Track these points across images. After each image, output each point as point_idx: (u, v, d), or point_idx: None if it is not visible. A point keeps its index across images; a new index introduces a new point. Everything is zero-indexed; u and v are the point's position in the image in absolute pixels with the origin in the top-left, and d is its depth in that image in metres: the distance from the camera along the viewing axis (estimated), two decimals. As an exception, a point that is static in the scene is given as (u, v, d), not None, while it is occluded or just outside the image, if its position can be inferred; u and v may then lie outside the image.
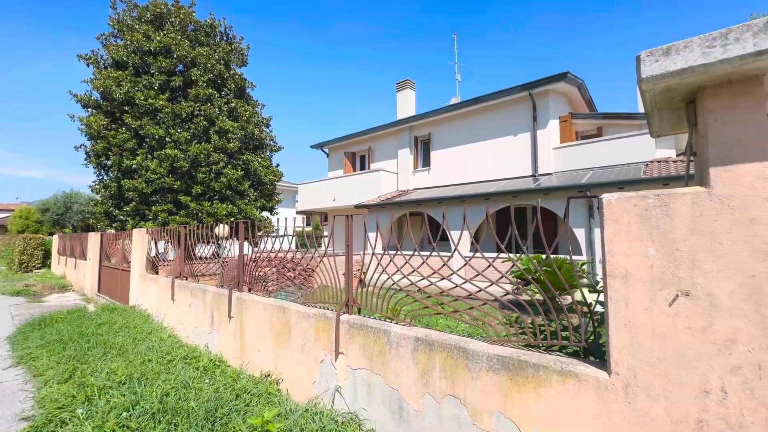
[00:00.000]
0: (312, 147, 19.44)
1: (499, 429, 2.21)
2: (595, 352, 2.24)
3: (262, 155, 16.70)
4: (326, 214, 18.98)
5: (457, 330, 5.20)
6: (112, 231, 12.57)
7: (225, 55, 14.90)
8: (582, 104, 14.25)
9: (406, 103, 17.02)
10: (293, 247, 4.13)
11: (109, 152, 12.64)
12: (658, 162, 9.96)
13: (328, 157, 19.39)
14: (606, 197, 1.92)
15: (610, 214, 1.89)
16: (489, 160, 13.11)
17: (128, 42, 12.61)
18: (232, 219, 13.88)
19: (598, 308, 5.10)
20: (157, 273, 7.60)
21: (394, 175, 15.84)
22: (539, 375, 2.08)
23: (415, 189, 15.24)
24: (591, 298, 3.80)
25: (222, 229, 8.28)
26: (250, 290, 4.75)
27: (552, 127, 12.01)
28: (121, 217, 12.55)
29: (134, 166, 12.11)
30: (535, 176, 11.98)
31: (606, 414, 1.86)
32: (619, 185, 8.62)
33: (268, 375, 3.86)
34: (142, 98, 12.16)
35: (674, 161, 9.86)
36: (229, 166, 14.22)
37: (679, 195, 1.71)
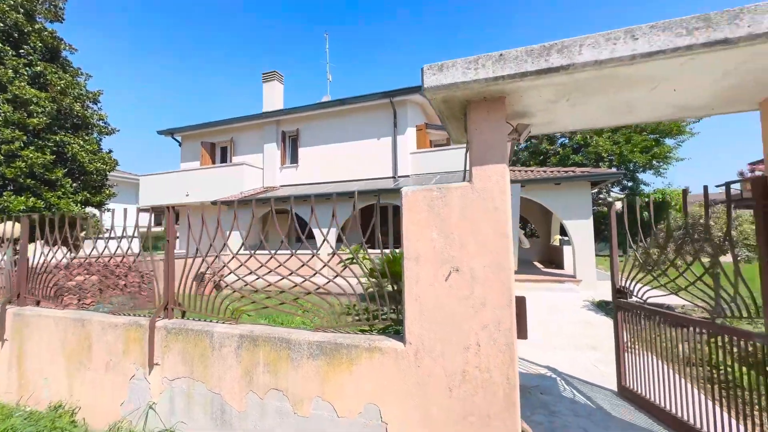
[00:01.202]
0: (159, 133, 16.67)
1: (317, 413, 2.28)
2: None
3: (87, 137, 13.50)
4: (178, 211, 16.54)
5: (310, 325, 5.18)
6: None
7: (26, 2, 11.46)
8: (435, 117, 16.21)
9: (273, 96, 16.27)
10: (136, 249, 3.38)
11: None
12: (487, 170, 12.11)
13: (180, 146, 16.95)
14: (405, 190, 2.18)
15: (408, 204, 2.16)
16: (355, 161, 13.65)
17: None
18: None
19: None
20: None
21: (260, 171, 14.95)
22: (351, 354, 2.23)
23: (282, 186, 14.70)
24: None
25: (8, 228, 6.30)
26: (38, 303, 3.73)
27: (410, 134, 13.29)
28: None
29: None
30: (395, 178, 13.03)
31: (403, 379, 2.11)
32: (458, 188, 10.12)
33: (60, 406, 3.09)
34: None
35: (498, 170, 12.15)
36: (32, 148, 11.03)
37: (453, 188, 2.07)
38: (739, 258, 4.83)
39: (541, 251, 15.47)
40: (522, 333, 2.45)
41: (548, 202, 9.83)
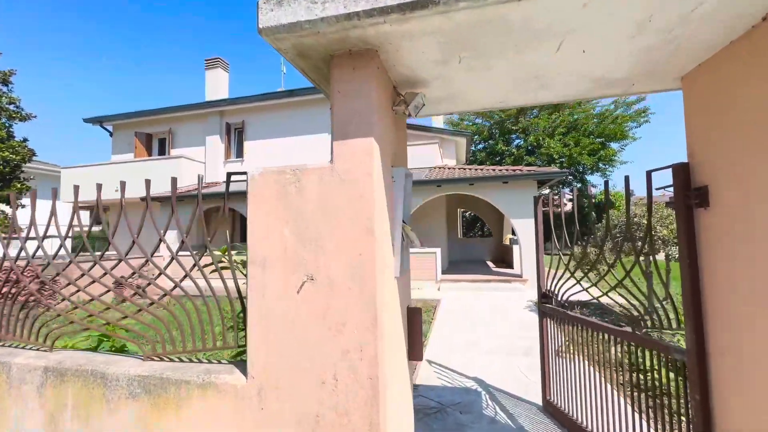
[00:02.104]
0: (86, 121, 14.97)
1: (135, 473, 1.68)
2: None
3: (-9, 122, 11.77)
4: (108, 207, 14.97)
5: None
6: None
7: None
8: (391, 113, 15.85)
9: (217, 85, 15.13)
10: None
11: None
12: (440, 168, 11.88)
13: (112, 136, 15.34)
14: (251, 172, 1.65)
15: (254, 190, 1.63)
16: (305, 156, 12.92)
17: None
18: None
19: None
20: None
21: (201, 165, 13.81)
22: (180, 393, 1.66)
23: (225, 182, 13.66)
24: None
25: None
26: None
27: (362, 130, 12.77)
28: None
29: None
30: (346, 174, 12.47)
31: (241, 427, 1.57)
32: (407, 185, 9.76)
33: None
34: None
35: (450, 168, 11.96)
36: None
37: (309, 171, 1.56)
38: (671, 257, 4.68)
39: (493, 250, 15.56)
40: (416, 353, 2.01)
41: (496, 200, 9.72)
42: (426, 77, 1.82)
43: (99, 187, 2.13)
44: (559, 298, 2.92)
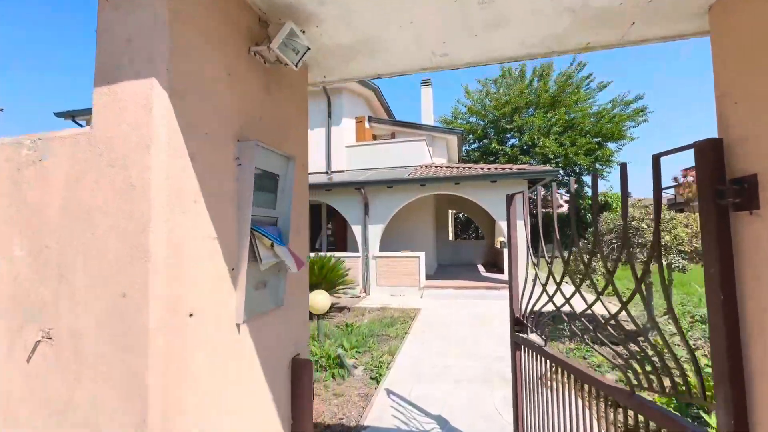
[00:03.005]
0: (57, 115, 14.22)
1: None
2: None
3: (-51, 115, 11.04)
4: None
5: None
6: None
7: None
8: (381, 110, 15.22)
9: (197, 78, 14.43)
10: None
11: None
12: (426, 166, 11.20)
13: (85, 131, 14.62)
14: (-23, 144, 0.96)
15: (-22, 177, 0.94)
16: (286, 153, 12.24)
17: None
18: None
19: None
20: None
21: (176, 162, 13.08)
22: None
23: None
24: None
25: None
26: None
27: (347, 126, 12.11)
28: None
29: None
30: (328, 173, 11.81)
31: None
32: (389, 184, 9.08)
33: None
34: None
35: (437, 167, 11.28)
36: None
37: (57, 140, 0.88)
38: (674, 266, 3.95)
39: (485, 254, 14.90)
40: (303, 425, 1.33)
41: (484, 201, 9.04)
42: (309, 3, 1.14)
43: None
44: (535, 327, 2.25)
